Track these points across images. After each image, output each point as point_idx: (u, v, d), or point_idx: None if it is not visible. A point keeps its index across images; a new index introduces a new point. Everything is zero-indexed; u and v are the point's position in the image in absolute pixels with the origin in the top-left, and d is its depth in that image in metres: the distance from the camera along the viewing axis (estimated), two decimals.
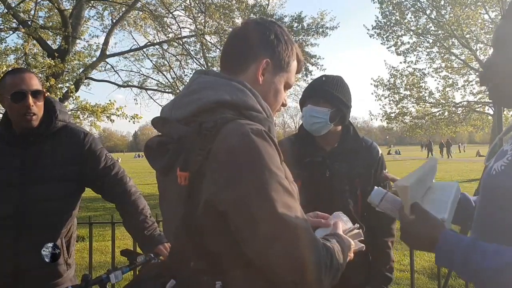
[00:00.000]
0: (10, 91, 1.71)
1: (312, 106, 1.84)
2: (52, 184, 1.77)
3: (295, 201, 0.93)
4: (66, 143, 1.84)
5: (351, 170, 1.86)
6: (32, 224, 1.74)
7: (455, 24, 15.42)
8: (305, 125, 1.88)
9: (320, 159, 1.87)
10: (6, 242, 1.72)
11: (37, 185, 1.75)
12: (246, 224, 0.88)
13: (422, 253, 5.42)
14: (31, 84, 1.74)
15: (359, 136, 1.97)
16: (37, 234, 1.74)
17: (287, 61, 1.12)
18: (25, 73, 1.77)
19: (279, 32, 1.12)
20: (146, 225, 1.89)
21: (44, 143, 1.80)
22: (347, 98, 1.89)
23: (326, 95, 1.84)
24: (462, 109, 18.40)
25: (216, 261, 0.93)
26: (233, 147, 0.90)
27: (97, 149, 1.90)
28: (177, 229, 0.97)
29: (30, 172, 1.75)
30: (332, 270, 0.93)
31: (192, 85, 1.06)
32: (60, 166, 1.80)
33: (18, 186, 1.73)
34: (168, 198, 1.06)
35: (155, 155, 1.06)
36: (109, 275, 1.64)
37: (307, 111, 1.84)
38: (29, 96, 1.72)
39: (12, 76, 1.76)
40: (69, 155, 1.83)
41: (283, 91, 1.15)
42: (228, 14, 10.61)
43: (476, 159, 29.43)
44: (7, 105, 1.75)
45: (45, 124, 1.80)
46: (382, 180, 1.93)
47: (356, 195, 1.86)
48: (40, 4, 9.88)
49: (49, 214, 1.77)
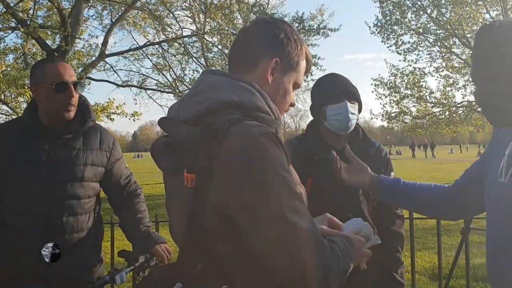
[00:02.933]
0: (54, 81, 1.66)
1: (350, 104, 1.83)
2: (81, 184, 1.73)
3: (302, 204, 0.91)
4: (98, 145, 1.81)
5: None
6: (59, 223, 1.67)
7: (456, 24, 15.41)
8: (343, 122, 1.83)
9: (331, 157, 1.85)
10: (34, 242, 1.61)
11: (66, 183, 1.69)
12: (252, 227, 0.87)
13: (423, 254, 5.41)
14: (72, 75, 1.71)
15: (367, 137, 1.97)
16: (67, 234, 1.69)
17: (296, 61, 1.11)
18: (65, 63, 1.74)
19: (288, 31, 1.10)
20: (143, 222, 1.88)
21: (74, 140, 1.75)
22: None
23: (354, 91, 1.87)
24: (463, 109, 18.37)
25: (223, 264, 0.92)
26: (240, 149, 0.88)
27: (121, 155, 1.93)
28: (184, 231, 0.96)
29: (59, 170, 1.69)
30: (339, 272, 0.91)
31: (199, 85, 1.04)
32: (90, 167, 1.76)
33: (45, 184, 1.66)
34: (175, 200, 1.05)
35: (162, 156, 1.05)
36: (114, 277, 1.59)
37: (347, 108, 1.81)
38: (71, 86, 1.68)
39: (53, 65, 1.70)
40: (99, 157, 1.81)
41: (292, 91, 1.13)
42: (228, 14, 10.59)
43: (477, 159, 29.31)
44: (46, 95, 1.68)
45: (78, 121, 1.76)
46: None
47: (367, 194, 1.85)
48: (39, 3, 9.87)
49: (77, 214, 1.72)
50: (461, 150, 52.03)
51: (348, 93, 1.85)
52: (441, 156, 39.02)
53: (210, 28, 10.90)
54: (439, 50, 17.48)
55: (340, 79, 1.91)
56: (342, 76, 1.93)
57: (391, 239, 1.91)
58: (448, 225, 6.17)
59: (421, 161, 30.54)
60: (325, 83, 1.92)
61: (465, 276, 3.24)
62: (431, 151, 38.95)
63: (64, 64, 1.73)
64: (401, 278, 1.91)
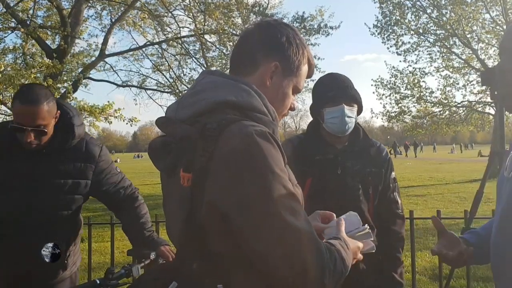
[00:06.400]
0: (14, 119, 1.68)
1: (347, 107, 1.82)
2: (61, 195, 1.77)
3: (298, 204, 0.91)
4: (82, 157, 1.81)
5: (363, 168, 1.86)
6: (33, 230, 1.73)
7: (456, 24, 15.41)
8: (339, 125, 1.83)
9: (331, 157, 1.86)
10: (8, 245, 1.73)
11: (43, 193, 1.73)
12: (248, 226, 0.87)
13: (423, 254, 5.40)
14: (35, 120, 1.65)
15: (368, 136, 1.97)
16: (37, 238, 1.72)
17: (297, 65, 1.10)
18: (31, 106, 1.64)
19: (291, 35, 1.10)
20: (146, 227, 1.90)
21: (58, 154, 1.76)
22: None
23: (354, 94, 1.85)
24: (463, 109, 18.38)
25: (218, 263, 0.91)
26: (236, 148, 0.88)
27: (110, 163, 1.92)
28: (180, 230, 0.96)
29: (39, 182, 1.73)
30: (335, 274, 0.91)
31: (197, 85, 1.05)
32: (71, 181, 1.78)
33: (23, 192, 1.71)
34: (171, 200, 1.05)
35: (159, 156, 1.05)
36: (131, 269, 1.63)
37: (343, 111, 1.81)
38: (29, 133, 1.66)
39: (19, 104, 1.65)
40: (83, 170, 1.81)
41: (291, 95, 1.13)
42: (227, 14, 10.59)
43: (478, 159, 29.41)
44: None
45: (59, 141, 1.76)
46: (391, 181, 1.94)
47: (368, 193, 1.86)
48: (38, 3, 9.86)
49: (53, 222, 1.77)
50: (461, 150, 52.03)
51: (347, 96, 1.84)
52: (441, 156, 39.08)
53: (209, 28, 10.89)
54: (439, 50, 17.49)
55: (340, 81, 1.88)
56: (343, 77, 1.90)
57: (391, 239, 1.91)
58: (448, 225, 6.17)
59: (422, 161, 30.55)
60: (324, 85, 1.91)
61: (465, 276, 3.24)
62: (413, 151, 42.02)
63: (30, 108, 1.64)
64: (401, 278, 1.90)
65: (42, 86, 1.82)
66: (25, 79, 6.89)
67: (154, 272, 1.08)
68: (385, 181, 1.90)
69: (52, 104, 1.71)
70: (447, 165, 24.22)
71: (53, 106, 1.72)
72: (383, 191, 1.91)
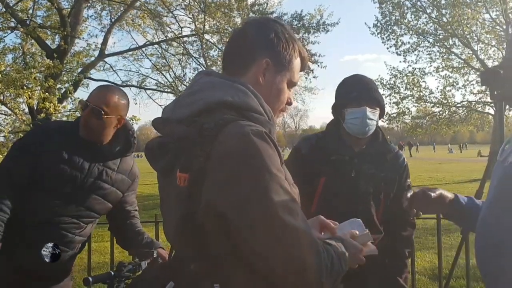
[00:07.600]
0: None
1: (369, 109, 1.82)
2: (100, 199, 1.85)
3: (295, 203, 0.92)
4: (128, 172, 1.95)
5: (378, 173, 1.84)
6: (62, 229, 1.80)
7: (455, 24, 15.40)
8: (359, 126, 1.83)
9: (347, 158, 1.84)
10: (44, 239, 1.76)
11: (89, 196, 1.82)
12: (245, 226, 0.87)
13: (423, 254, 5.40)
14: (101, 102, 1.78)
15: (387, 141, 1.95)
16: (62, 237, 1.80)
17: (288, 59, 1.11)
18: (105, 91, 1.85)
19: (279, 31, 1.10)
20: (141, 234, 1.99)
21: (114, 161, 1.89)
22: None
23: (377, 97, 1.86)
24: (463, 109, 18.38)
25: (215, 264, 0.91)
26: (233, 148, 0.89)
27: (137, 186, 2.04)
28: (177, 231, 0.96)
29: (90, 183, 1.81)
30: (333, 273, 0.91)
31: (194, 85, 1.05)
32: (115, 190, 1.89)
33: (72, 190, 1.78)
34: (168, 200, 1.05)
35: (156, 157, 1.05)
36: (140, 263, 1.72)
37: (365, 113, 1.81)
38: (90, 109, 1.77)
39: (99, 88, 1.87)
40: (125, 182, 1.93)
41: (287, 90, 1.13)
42: (228, 13, 10.58)
43: (478, 159, 29.42)
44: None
45: (119, 149, 1.89)
46: (406, 188, 1.91)
47: (379, 198, 1.84)
48: (38, 3, 9.87)
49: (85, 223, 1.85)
50: (461, 150, 52.04)
51: (370, 98, 1.84)
52: (440, 156, 39.09)
53: (210, 27, 10.88)
54: (439, 50, 17.49)
55: (364, 83, 1.88)
56: (367, 79, 1.90)
57: (400, 245, 1.90)
58: (448, 225, 6.16)
59: (422, 161, 30.56)
60: (348, 85, 1.90)
61: (465, 276, 3.24)
62: (409, 151, 43.05)
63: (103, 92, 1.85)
64: (405, 282, 1.90)
65: (123, 90, 1.99)
66: (26, 80, 6.88)
67: (155, 270, 1.08)
68: (399, 187, 1.88)
69: (122, 103, 1.85)
70: (446, 165, 24.23)
71: (121, 106, 1.85)
72: (397, 197, 1.89)
